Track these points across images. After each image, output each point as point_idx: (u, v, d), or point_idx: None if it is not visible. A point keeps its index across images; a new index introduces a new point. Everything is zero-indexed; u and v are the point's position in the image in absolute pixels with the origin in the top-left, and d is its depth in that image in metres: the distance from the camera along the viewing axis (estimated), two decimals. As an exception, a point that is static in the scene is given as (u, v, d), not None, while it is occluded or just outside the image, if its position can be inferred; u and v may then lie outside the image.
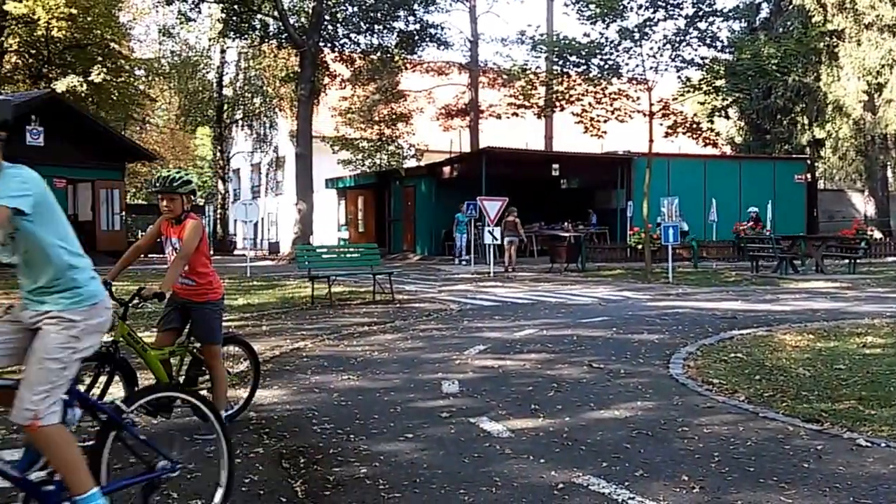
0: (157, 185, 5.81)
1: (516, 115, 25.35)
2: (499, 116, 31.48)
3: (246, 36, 33.17)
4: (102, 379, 5.46)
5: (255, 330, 11.02)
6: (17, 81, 38.44)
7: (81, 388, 5.45)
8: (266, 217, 44.46)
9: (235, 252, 41.81)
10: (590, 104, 21.75)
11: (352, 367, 8.41)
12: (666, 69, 21.01)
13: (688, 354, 8.80)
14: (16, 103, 26.19)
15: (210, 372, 5.92)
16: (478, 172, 27.14)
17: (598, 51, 20.66)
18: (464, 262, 23.26)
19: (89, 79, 35.30)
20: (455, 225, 23.76)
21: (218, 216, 47.07)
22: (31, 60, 39.79)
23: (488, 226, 20.73)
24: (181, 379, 5.94)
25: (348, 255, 18.17)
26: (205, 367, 5.95)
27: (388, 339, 10.32)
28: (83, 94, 35.56)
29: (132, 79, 41.46)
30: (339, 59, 33.29)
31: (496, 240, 20.97)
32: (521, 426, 5.94)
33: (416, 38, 32.50)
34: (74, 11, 35.83)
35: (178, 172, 5.85)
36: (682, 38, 20.51)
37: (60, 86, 33.89)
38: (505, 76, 32.77)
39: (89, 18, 37.57)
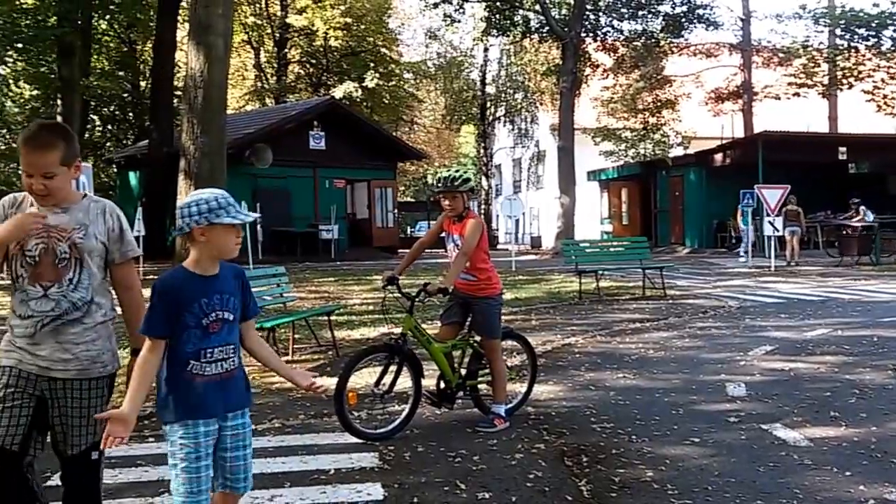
0: (439, 185, 5.93)
1: (797, 95, 23.48)
2: (777, 98, 29.42)
3: (508, 32, 33.76)
4: (392, 369, 5.65)
5: (524, 325, 11.05)
6: (299, 90, 42.04)
7: (372, 379, 5.72)
8: (527, 211, 45.02)
9: (498, 247, 42.75)
10: (882, 80, 19.58)
11: (626, 364, 8.16)
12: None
13: None
14: (300, 111, 28.65)
15: (490, 366, 5.96)
16: (753, 159, 25.61)
17: (890, 21, 18.53)
18: (742, 257, 21.84)
19: (363, 84, 37.82)
20: (739, 216, 22.29)
21: (482, 211, 48.44)
22: (311, 70, 43.39)
23: (768, 216, 19.39)
24: (462, 372, 6.02)
25: (614, 249, 17.79)
26: (485, 361, 5.99)
27: (663, 337, 9.92)
28: (358, 99, 38.14)
29: (401, 82, 43.85)
30: (601, 48, 32.89)
31: (777, 231, 19.57)
32: (820, 435, 5.48)
33: (683, 20, 31.31)
34: (349, 21, 38.59)
35: (457, 171, 5.94)
36: None
37: (338, 92, 36.61)
38: (781, 54, 30.70)
39: (362, 26, 40.29)
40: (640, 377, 7.55)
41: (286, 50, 42.04)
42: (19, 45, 24.99)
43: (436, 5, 33.07)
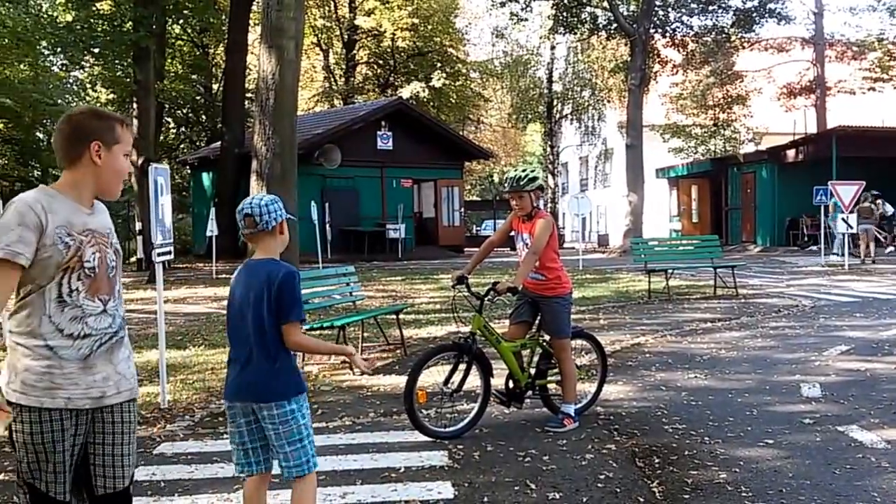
0: (507, 185, 5.95)
1: (872, 89, 22.76)
2: (851, 92, 28.55)
3: (575, 30, 33.52)
4: (461, 368, 5.69)
5: (592, 324, 10.99)
6: (367, 91, 42.46)
7: (441, 378, 5.77)
8: (594, 210, 44.65)
9: (564, 245, 42.50)
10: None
11: (698, 365, 8.05)
12: None
13: None
14: (368, 111, 28.94)
15: (560, 365, 5.95)
16: (827, 155, 24.92)
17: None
18: (835, 254, 21.05)
19: (430, 84, 37.98)
20: (830, 212, 21.56)
21: (548, 210, 48.17)
22: (379, 70, 43.77)
23: (842, 213, 18.84)
24: (532, 371, 6.03)
25: (684, 248, 17.52)
26: (554, 361, 5.98)
27: (735, 337, 9.75)
28: (425, 99, 38.33)
29: (468, 81, 43.89)
30: (670, 44, 32.39)
31: (851, 228, 18.99)
32: (899, 437, 5.35)
33: (754, 14, 30.66)
34: (416, 21, 38.80)
35: (524, 171, 5.93)
36: None
37: (405, 92, 36.83)
38: (855, 48, 29.78)
39: (429, 27, 40.46)
40: (712, 377, 7.45)
41: (354, 51, 42.51)
42: (96, 50, 25.80)
43: (503, 4, 33.04)
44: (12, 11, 26.48)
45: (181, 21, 32.12)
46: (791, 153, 28.52)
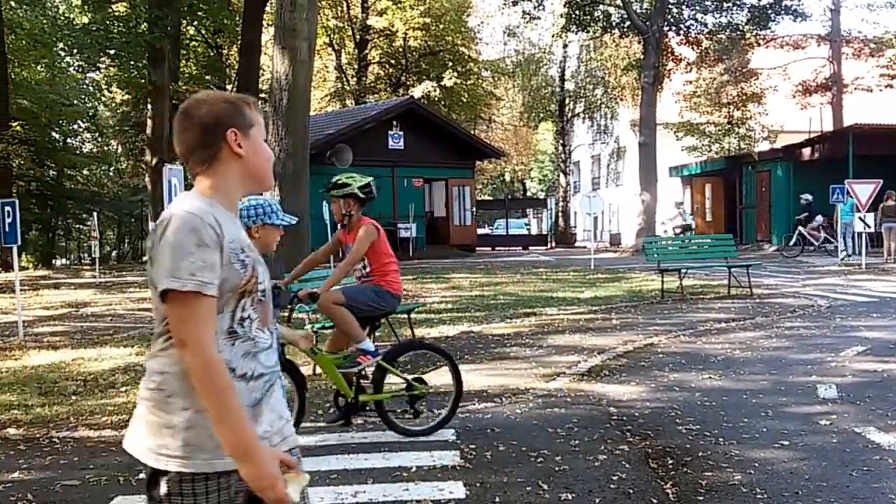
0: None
1: (890, 86, 22.59)
2: (868, 90, 28.33)
3: (588, 28, 33.41)
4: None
5: (604, 324, 10.96)
6: (378, 90, 42.50)
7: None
8: (606, 208, 44.54)
9: (576, 244, 42.41)
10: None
11: (712, 365, 7.99)
12: None
13: None
14: (379, 111, 28.98)
15: (332, 319, 5.85)
16: (843, 153, 24.72)
17: None
18: (846, 257, 20.89)
19: (442, 83, 37.97)
20: (837, 214, 21.43)
21: (560, 209, 48.13)
22: (390, 70, 43.79)
23: (859, 212, 18.68)
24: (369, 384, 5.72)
25: (698, 247, 17.42)
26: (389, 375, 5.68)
27: (750, 337, 9.68)
28: (437, 99, 38.32)
29: (480, 80, 43.85)
30: (683, 41, 32.27)
31: (868, 227, 18.82)
32: (917, 439, 5.29)
33: (770, 11, 30.45)
34: (428, 21, 38.78)
35: (337, 178, 5.77)
36: None
37: (417, 92, 36.84)
38: (873, 45, 29.54)
39: (441, 26, 40.45)
40: (726, 378, 7.39)
41: (366, 51, 42.56)
42: (112, 52, 25.95)
43: (515, 3, 33.02)
44: (29, 14, 26.68)
45: (195, 22, 32.27)
46: (807, 151, 28.33)
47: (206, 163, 2.22)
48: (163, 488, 2.08)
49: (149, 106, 26.37)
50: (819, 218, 23.27)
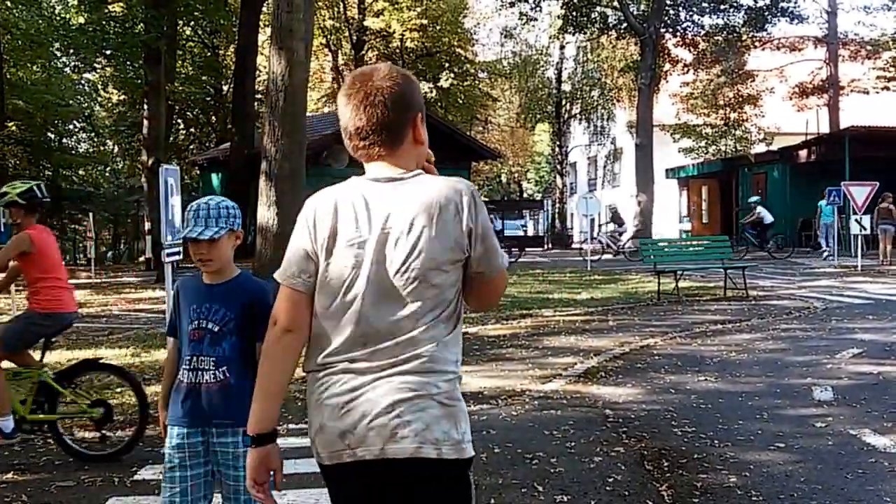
0: None
1: (886, 89, 22.62)
2: (865, 92, 28.37)
3: (585, 30, 33.43)
4: None
5: (601, 325, 10.97)
6: (375, 92, 42.41)
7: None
8: (603, 210, 44.54)
9: (572, 246, 42.41)
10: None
11: (708, 367, 8.00)
12: None
13: None
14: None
15: None
16: (840, 155, 24.75)
17: None
18: (828, 257, 21.00)
19: (438, 84, 37.97)
20: (818, 215, 21.53)
21: (556, 210, 48.11)
22: (387, 72, 43.76)
23: (855, 214, 18.70)
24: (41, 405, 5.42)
25: (694, 249, 17.44)
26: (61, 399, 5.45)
27: (745, 339, 9.69)
28: (433, 100, 38.31)
29: (476, 81, 43.86)
30: (680, 43, 32.27)
31: (864, 229, 18.84)
32: (912, 441, 5.30)
33: (767, 13, 30.48)
34: (425, 22, 38.78)
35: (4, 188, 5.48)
36: None
37: (414, 93, 36.76)
38: (869, 47, 29.58)
39: (438, 27, 40.46)
40: (722, 380, 7.40)
41: (363, 52, 42.55)
42: (108, 52, 25.91)
43: (512, 4, 33.01)
44: (25, 14, 26.63)
45: (192, 23, 32.23)
46: (803, 153, 28.37)
47: (390, 148, 2.21)
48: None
49: (145, 106, 26.33)
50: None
